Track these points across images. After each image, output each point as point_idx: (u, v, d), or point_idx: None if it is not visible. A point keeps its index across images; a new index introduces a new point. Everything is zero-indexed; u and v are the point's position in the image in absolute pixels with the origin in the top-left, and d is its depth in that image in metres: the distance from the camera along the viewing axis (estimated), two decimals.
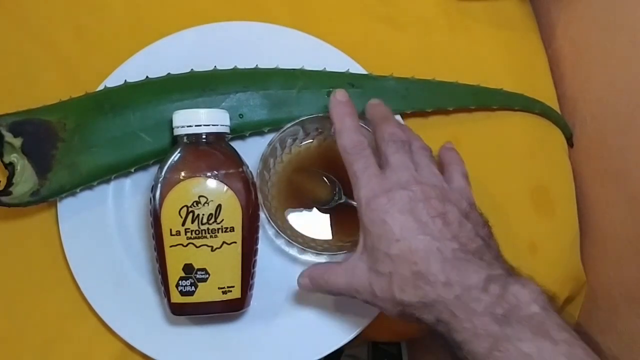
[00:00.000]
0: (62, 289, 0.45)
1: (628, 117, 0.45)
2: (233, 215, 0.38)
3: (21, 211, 0.45)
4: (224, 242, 0.38)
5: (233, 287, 0.39)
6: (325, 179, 0.44)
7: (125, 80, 0.45)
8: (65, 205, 0.44)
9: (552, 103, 0.52)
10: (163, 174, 0.39)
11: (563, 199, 0.50)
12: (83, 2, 0.51)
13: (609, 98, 0.47)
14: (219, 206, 0.38)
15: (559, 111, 0.52)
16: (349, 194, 0.44)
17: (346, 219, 0.44)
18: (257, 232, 0.41)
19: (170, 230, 0.38)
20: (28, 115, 0.42)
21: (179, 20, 0.48)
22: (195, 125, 0.39)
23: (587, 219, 0.51)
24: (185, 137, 0.40)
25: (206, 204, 0.38)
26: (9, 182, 0.41)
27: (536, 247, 0.48)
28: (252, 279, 0.41)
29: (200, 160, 0.39)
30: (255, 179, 0.41)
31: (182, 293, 0.39)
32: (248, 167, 0.41)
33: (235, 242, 0.39)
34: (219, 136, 0.40)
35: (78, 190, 0.43)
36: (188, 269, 0.38)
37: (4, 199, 0.41)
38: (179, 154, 0.39)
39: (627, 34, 0.44)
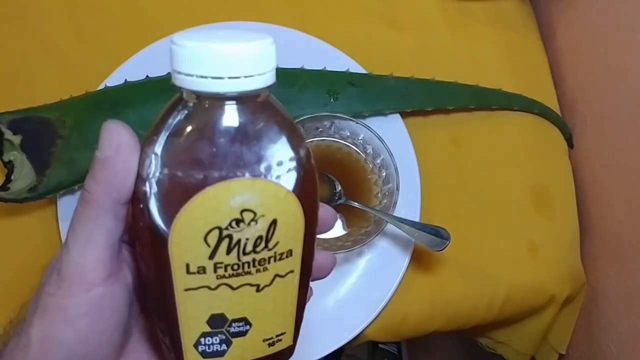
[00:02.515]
0: None
1: (628, 117, 0.45)
2: (293, 232, 0.24)
3: (21, 209, 0.45)
4: (276, 276, 0.24)
5: (284, 334, 0.26)
6: (325, 179, 0.44)
7: (125, 80, 0.45)
8: (66, 204, 0.44)
9: (552, 103, 0.52)
10: (164, 167, 0.21)
11: (563, 199, 0.50)
12: (83, 2, 0.51)
13: (609, 98, 0.47)
14: (274, 223, 0.23)
15: (558, 111, 0.52)
16: (349, 194, 0.44)
17: (346, 219, 0.44)
18: (314, 246, 0.26)
19: (188, 266, 0.22)
20: (28, 113, 0.42)
21: (179, 20, 0.49)
22: (229, 78, 0.21)
23: (587, 219, 0.51)
24: (207, 102, 0.21)
25: (253, 223, 0.22)
26: (8, 179, 0.41)
27: (536, 247, 0.48)
28: (303, 311, 0.28)
29: (241, 145, 0.22)
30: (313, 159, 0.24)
31: (206, 355, 0.25)
32: (305, 142, 0.25)
33: (292, 272, 0.25)
34: (264, 93, 0.23)
35: (76, 187, 0.43)
36: (217, 321, 0.24)
37: (1, 194, 0.41)
38: (196, 134, 0.22)
39: (627, 34, 0.44)
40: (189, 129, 0.21)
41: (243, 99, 0.21)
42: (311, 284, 0.28)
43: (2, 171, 0.43)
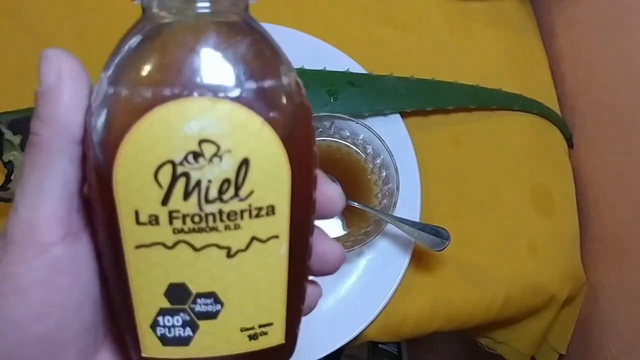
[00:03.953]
0: None
1: (628, 117, 0.45)
2: (273, 180, 0.18)
3: None
4: (254, 239, 0.18)
5: (270, 325, 0.20)
6: None
7: None
8: None
9: (552, 103, 0.52)
10: (109, 86, 0.18)
11: (563, 199, 0.50)
12: (83, 2, 0.51)
13: (609, 98, 0.47)
14: (245, 163, 0.17)
15: (558, 111, 0.52)
16: (349, 194, 0.44)
17: (346, 219, 0.44)
18: (314, 211, 0.20)
19: (137, 214, 0.17)
20: (28, 113, 0.42)
21: None
22: None
23: (587, 219, 0.51)
24: (167, 14, 0.18)
25: (216, 159, 0.17)
26: (8, 179, 0.41)
27: (536, 247, 0.48)
28: (302, 303, 0.22)
29: (202, 62, 0.17)
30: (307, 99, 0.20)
31: (167, 341, 0.19)
32: (295, 73, 0.20)
33: (276, 237, 0.19)
34: (242, 3, 0.20)
35: None
36: (177, 293, 0.19)
37: (1, 194, 0.41)
38: (147, 47, 0.18)
39: (627, 34, 0.44)
40: (140, 43, 0.18)
41: (209, 13, 0.18)
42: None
43: (2, 171, 0.43)
